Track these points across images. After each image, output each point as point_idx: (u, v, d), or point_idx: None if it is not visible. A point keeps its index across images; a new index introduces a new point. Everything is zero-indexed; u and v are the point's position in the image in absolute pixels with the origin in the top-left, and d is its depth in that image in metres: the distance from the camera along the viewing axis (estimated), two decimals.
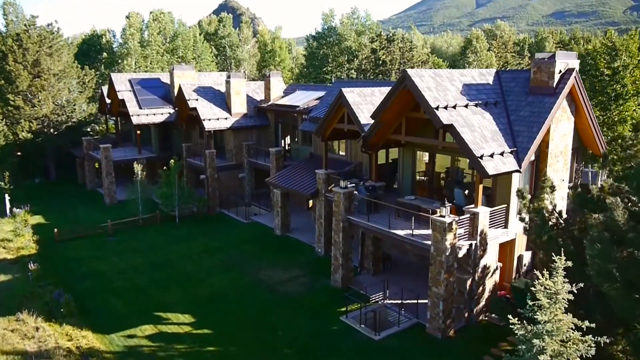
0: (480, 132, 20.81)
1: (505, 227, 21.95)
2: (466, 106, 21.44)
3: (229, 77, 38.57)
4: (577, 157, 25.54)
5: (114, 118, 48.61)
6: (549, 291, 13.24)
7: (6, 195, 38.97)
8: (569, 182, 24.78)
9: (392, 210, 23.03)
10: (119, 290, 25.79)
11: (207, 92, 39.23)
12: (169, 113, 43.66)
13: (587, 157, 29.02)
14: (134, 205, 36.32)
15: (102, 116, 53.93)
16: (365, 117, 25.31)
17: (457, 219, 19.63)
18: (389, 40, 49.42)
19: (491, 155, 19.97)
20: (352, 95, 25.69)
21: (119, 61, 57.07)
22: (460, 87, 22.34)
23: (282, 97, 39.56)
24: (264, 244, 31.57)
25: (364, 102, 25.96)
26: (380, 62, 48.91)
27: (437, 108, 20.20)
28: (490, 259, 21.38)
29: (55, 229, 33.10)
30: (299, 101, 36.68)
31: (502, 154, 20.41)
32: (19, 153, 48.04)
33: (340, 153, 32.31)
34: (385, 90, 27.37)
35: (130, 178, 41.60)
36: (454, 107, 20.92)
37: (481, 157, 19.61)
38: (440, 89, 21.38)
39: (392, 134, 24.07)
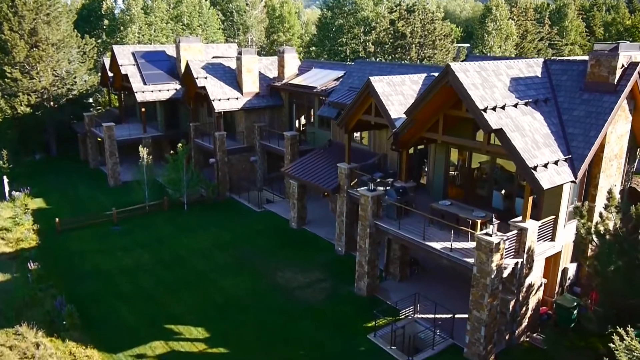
0: (532, 136, 18.39)
1: (552, 239, 19.80)
2: (515, 105, 18.94)
3: (240, 53, 35.76)
4: (629, 158, 23.12)
5: (116, 93, 45.96)
6: (636, 355, 11.21)
7: (4, 178, 36.83)
8: (620, 186, 22.48)
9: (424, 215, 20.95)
10: (125, 294, 23.94)
11: (216, 70, 36.50)
12: (176, 89, 41.01)
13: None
14: (139, 189, 34.24)
15: (104, 88, 51.21)
16: (395, 109, 22.82)
17: (504, 237, 17.45)
18: (408, 11, 46.08)
19: (545, 165, 17.62)
20: (381, 85, 23.11)
21: (121, 28, 53.89)
22: (508, 82, 19.77)
23: (297, 75, 36.83)
24: (279, 238, 29.56)
25: (394, 92, 23.41)
26: (400, 34, 45.70)
27: (485, 110, 17.73)
28: (536, 275, 19.33)
29: (57, 219, 31.08)
30: (316, 81, 33.99)
31: (556, 162, 18.06)
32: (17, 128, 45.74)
33: (363, 142, 29.82)
34: (417, 78, 24.86)
35: (135, 156, 39.39)
36: (503, 107, 18.43)
37: (535, 168, 17.27)
38: (487, 85, 18.85)
39: (426, 132, 21.64)
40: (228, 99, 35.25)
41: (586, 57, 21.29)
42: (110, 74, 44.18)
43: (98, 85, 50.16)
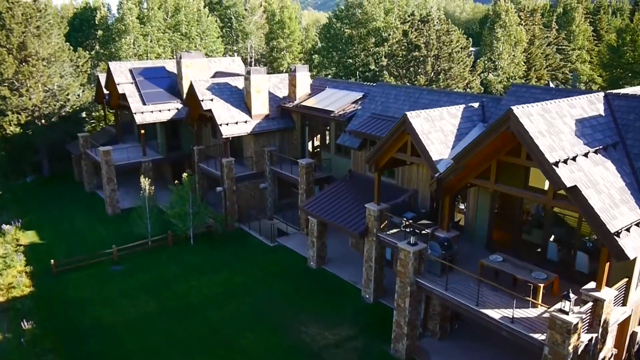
0: (607, 191, 15.94)
1: (624, 304, 17.41)
2: (586, 155, 16.48)
3: (248, 72, 33.04)
4: None
5: (112, 110, 43.09)
6: None
7: None
8: None
9: (472, 267, 18.54)
10: (132, 357, 21.27)
11: (222, 90, 33.76)
12: (177, 109, 38.22)
13: None
14: (139, 219, 31.31)
15: (99, 105, 48.22)
16: (435, 149, 20.31)
17: (582, 315, 15.00)
18: (422, 21, 43.48)
19: (628, 229, 15.17)
20: (419, 121, 20.56)
21: (116, 39, 50.90)
22: (573, 124, 17.30)
23: (310, 95, 34.19)
24: (298, 281, 26.95)
25: (433, 129, 20.88)
26: (413, 46, 43.09)
27: (556, 164, 15.25)
28: (608, 347, 16.93)
29: (52, 261, 28.28)
30: (332, 104, 31.38)
31: (638, 224, 15.62)
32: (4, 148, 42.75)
33: (390, 175, 27.11)
34: (454, 110, 22.35)
35: (133, 179, 36.71)
36: (574, 158, 15.96)
37: (617, 233, 14.80)
38: (553, 131, 16.36)
39: (475, 178, 19.13)
40: (236, 123, 32.55)
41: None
42: (105, 91, 41.29)
43: (92, 101, 47.23)
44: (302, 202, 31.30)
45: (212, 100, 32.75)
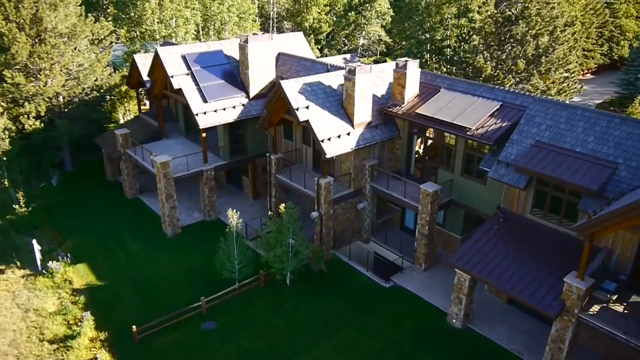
0: None
1: None
2: None
3: (351, 71, 26.36)
4: None
5: (154, 101, 35.75)
6: None
7: (34, 243, 27.52)
8: None
9: None
10: None
11: (316, 93, 27.21)
12: (243, 105, 31.48)
13: None
14: (227, 262, 25.12)
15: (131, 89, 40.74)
16: None
17: None
18: None
19: None
20: None
21: (137, 3, 42.54)
22: None
23: (420, 97, 27.93)
24: (446, 349, 21.98)
25: None
26: (506, 19, 36.36)
27: None
28: None
29: (134, 327, 22.56)
30: (460, 115, 25.33)
31: None
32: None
33: (564, 224, 21.68)
34: None
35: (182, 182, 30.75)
36: None
37: None
38: None
39: None
40: (338, 136, 26.36)
41: None
42: (145, 77, 34.04)
43: (119, 82, 39.84)
44: (422, 239, 26.03)
45: (307, 107, 26.31)
